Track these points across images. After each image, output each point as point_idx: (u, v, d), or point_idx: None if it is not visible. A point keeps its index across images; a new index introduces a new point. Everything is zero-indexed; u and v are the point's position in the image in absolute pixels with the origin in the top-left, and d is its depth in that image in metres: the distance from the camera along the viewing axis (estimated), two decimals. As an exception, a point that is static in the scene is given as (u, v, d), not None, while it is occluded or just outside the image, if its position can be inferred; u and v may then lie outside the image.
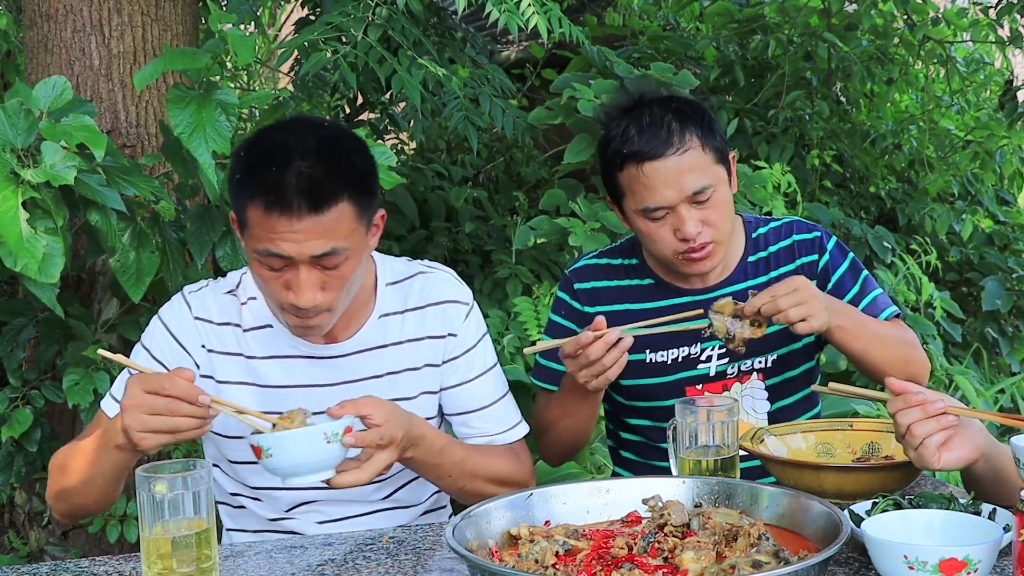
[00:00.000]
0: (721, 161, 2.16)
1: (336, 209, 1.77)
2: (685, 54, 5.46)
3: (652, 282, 2.29)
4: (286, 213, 1.74)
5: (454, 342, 2.03)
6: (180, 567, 1.46)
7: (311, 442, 1.68)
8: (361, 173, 1.84)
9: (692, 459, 1.85)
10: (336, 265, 1.80)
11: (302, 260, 1.78)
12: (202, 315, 2.01)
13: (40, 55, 3.25)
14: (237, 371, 1.99)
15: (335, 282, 1.82)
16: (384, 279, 2.04)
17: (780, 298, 2.00)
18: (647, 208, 2.13)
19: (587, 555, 1.52)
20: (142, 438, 1.67)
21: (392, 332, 2.02)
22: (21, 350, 3.08)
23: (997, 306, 5.28)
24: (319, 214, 1.75)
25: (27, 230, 2.38)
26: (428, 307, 2.03)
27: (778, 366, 2.26)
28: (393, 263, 2.08)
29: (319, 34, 3.37)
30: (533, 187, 5.45)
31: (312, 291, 1.80)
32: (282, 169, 1.75)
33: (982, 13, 5.46)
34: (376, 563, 1.69)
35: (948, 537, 1.48)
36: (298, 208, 1.74)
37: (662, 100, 2.19)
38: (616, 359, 1.99)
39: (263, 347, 1.99)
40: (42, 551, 3.39)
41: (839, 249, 2.29)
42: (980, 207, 6.04)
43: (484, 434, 2.06)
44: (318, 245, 1.77)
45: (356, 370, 2.00)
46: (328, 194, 1.76)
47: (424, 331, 2.02)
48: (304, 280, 1.79)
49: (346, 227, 1.79)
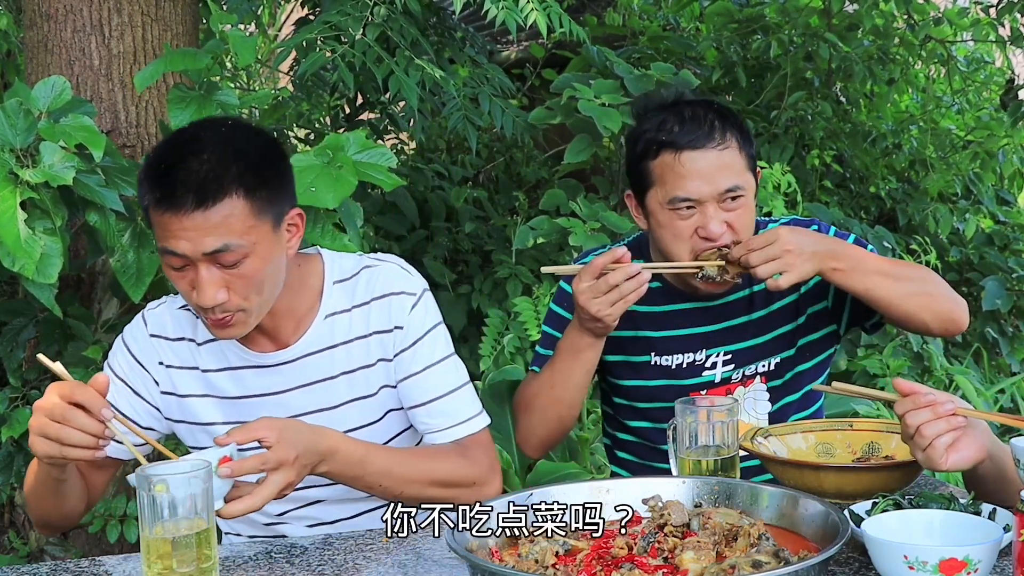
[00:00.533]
0: (751, 170, 2.15)
1: (225, 204, 1.74)
2: (685, 54, 5.46)
3: (659, 285, 2.26)
4: (173, 209, 1.74)
5: (401, 335, 1.98)
6: (180, 567, 1.46)
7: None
8: (257, 168, 1.80)
9: (692, 459, 1.84)
10: (234, 263, 1.77)
11: (197, 258, 1.76)
12: (157, 332, 2.01)
13: (40, 55, 3.25)
14: (195, 385, 2.00)
15: (239, 282, 1.79)
16: (332, 277, 2.00)
17: (752, 253, 1.99)
18: (676, 198, 2.09)
19: (587, 555, 1.52)
20: (34, 441, 1.67)
21: (340, 331, 1.98)
22: (21, 350, 3.08)
23: (997, 306, 5.28)
24: (206, 210, 1.74)
25: (25, 231, 2.38)
26: (373, 301, 1.98)
27: (781, 369, 2.25)
28: (342, 260, 2.03)
29: (317, 33, 3.37)
30: (533, 187, 5.45)
31: (212, 289, 1.77)
32: (172, 167, 1.76)
33: (983, 12, 5.46)
34: (376, 563, 1.69)
35: (948, 537, 1.48)
36: (185, 204, 1.73)
37: (702, 101, 2.18)
38: (633, 289, 1.99)
39: (216, 360, 1.99)
40: (42, 551, 3.39)
41: (839, 235, 2.22)
42: (980, 207, 6.04)
43: (434, 428, 1.99)
44: (209, 242, 1.75)
45: (308, 373, 1.98)
46: (215, 190, 1.74)
47: (371, 327, 1.98)
48: (203, 278, 1.77)
49: (240, 224, 1.76)
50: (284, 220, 1.86)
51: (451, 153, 5.83)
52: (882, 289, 2.04)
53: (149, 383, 2.01)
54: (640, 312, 2.25)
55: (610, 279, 1.99)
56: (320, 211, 2.61)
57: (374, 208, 4.78)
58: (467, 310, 4.56)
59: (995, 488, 1.68)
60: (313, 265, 2.01)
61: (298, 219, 1.89)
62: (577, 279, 2.04)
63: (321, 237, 2.61)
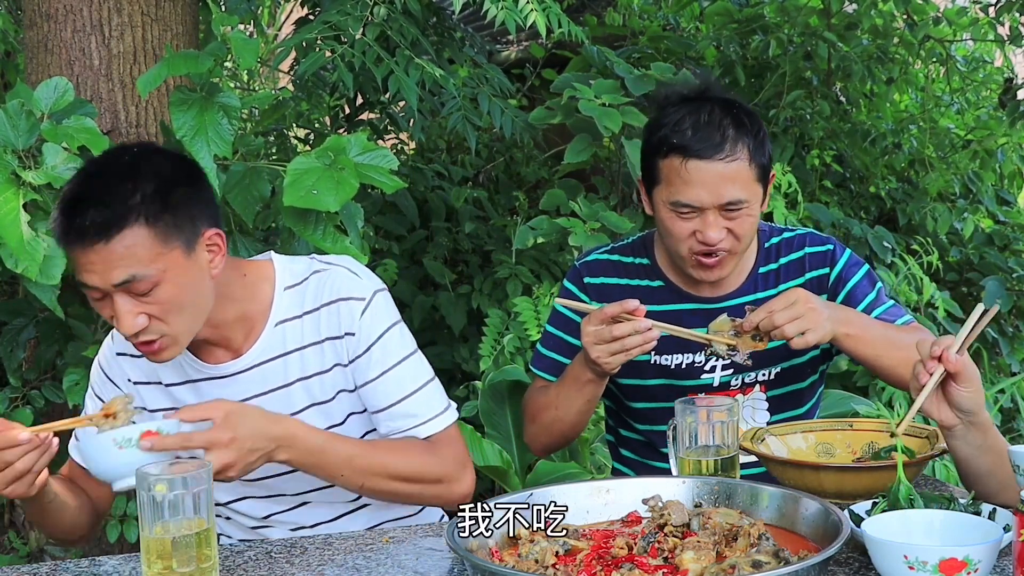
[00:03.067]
0: (761, 179, 2.14)
1: (126, 236, 1.74)
2: (685, 54, 5.46)
3: (663, 284, 2.28)
4: (79, 243, 1.75)
5: (353, 341, 1.96)
6: (180, 567, 1.46)
7: (103, 449, 1.66)
8: (161, 196, 1.78)
9: (692, 459, 1.84)
10: (146, 291, 1.77)
11: (108, 289, 1.77)
12: (122, 349, 2.03)
13: (40, 55, 3.25)
14: (161, 399, 2.01)
15: (156, 308, 1.78)
16: (283, 283, 1.98)
17: (776, 313, 1.99)
18: (678, 202, 2.11)
19: (587, 555, 1.52)
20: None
21: (292, 338, 1.96)
22: (21, 350, 3.09)
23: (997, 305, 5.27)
24: (107, 242, 1.73)
25: (28, 232, 2.38)
26: (322, 308, 1.96)
27: (781, 379, 2.25)
28: (293, 265, 2.01)
29: (317, 33, 3.37)
30: (533, 187, 5.45)
31: (130, 317, 1.77)
32: (77, 201, 1.76)
33: (982, 12, 5.46)
34: (376, 563, 1.69)
35: (948, 537, 1.48)
36: (87, 237, 1.74)
37: (724, 102, 2.16)
38: (637, 345, 1.99)
39: (175, 374, 2.00)
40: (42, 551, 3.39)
41: (853, 260, 2.26)
42: (980, 207, 6.04)
43: (399, 430, 1.96)
44: (116, 274, 1.75)
45: (264, 382, 1.97)
46: (115, 222, 1.73)
47: (322, 333, 1.96)
48: (120, 308, 1.77)
49: (145, 253, 1.75)
50: (199, 242, 1.83)
51: (451, 153, 5.83)
52: (887, 357, 2.07)
53: None
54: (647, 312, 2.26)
55: (616, 330, 1.99)
56: (321, 213, 2.61)
57: (374, 208, 4.79)
58: (467, 310, 4.56)
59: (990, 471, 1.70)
60: (264, 272, 1.99)
61: (218, 239, 1.86)
62: (587, 320, 2.04)
63: (322, 239, 2.61)
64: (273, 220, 2.98)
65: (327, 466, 1.86)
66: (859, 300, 2.22)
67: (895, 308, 2.24)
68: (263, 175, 2.78)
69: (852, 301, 2.21)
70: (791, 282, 2.24)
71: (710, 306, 2.23)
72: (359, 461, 1.88)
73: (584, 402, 2.18)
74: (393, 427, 1.97)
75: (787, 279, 2.25)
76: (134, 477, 1.59)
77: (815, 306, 2.00)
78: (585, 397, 2.17)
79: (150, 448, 1.66)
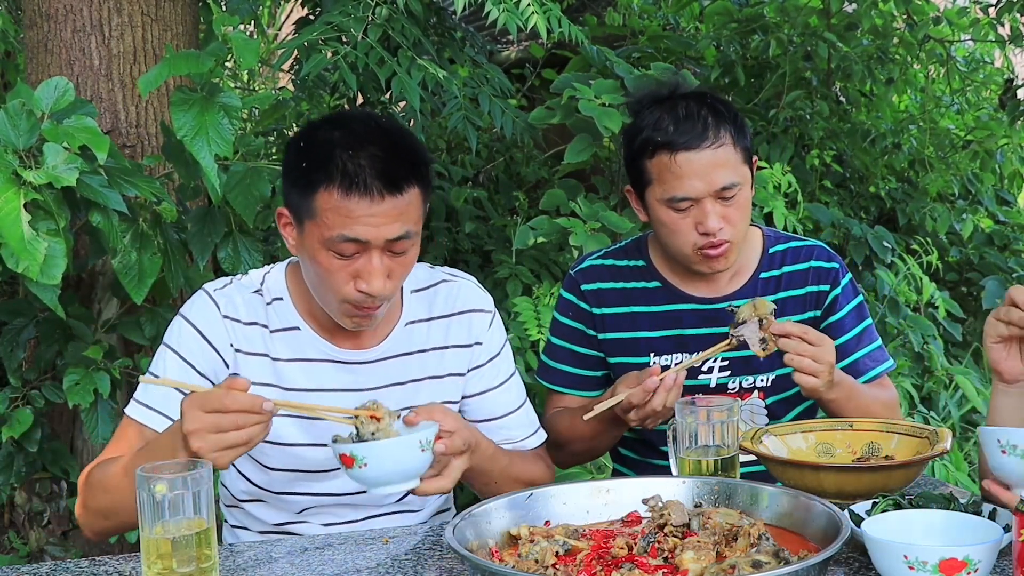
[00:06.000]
0: (747, 162, 2.17)
1: (410, 192, 1.79)
2: (685, 54, 5.46)
3: (659, 285, 2.28)
4: (360, 195, 1.75)
5: (480, 350, 2.04)
6: (180, 567, 1.46)
7: (408, 450, 1.65)
8: (426, 161, 1.86)
9: (692, 459, 1.85)
10: (405, 251, 1.83)
11: (377, 244, 1.79)
12: (230, 314, 1.95)
13: (40, 55, 3.25)
14: (262, 372, 1.95)
15: (400, 270, 1.84)
16: (410, 287, 2.03)
17: (805, 346, 2.00)
18: (673, 198, 2.12)
19: (587, 555, 1.53)
20: (218, 457, 1.60)
21: (417, 340, 2.01)
22: (21, 350, 3.08)
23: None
24: (397, 196, 1.77)
25: (29, 232, 2.38)
26: (454, 316, 2.03)
27: (778, 386, 2.25)
28: (417, 271, 2.03)
29: (319, 34, 3.37)
30: (533, 187, 5.45)
31: (381, 277, 1.80)
32: (356, 153, 1.77)
33: (982, 12, 5.46)
34: (376, 563, 1.69)
35: (948, 537, 1.48)
36: (378, 191, 1.76)
37: (697, 95, 2.19)
38: (675, 396, 2.00)
39: (290, 349, 1.96)
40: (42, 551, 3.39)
41: (852, 287, 2.28)
42: (980, 207, 6.04)
43: (510, 440, 2.06)
44: (394, 228, 1.78)
45: (380, 377, 1.99)
46: (403, 177, 1.78)
47: (449, 340, 2.03)
48: (376, 266, 1.80)
49: (416, 211, 1.82)
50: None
51: (451, 153, 5.83)
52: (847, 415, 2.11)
53: (219, 365, 1.94)
54: (641, 313, 2.26)
55: (655, 405, 2.00)
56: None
57: (374, 208, 4.77)
58: (467, 310, 4.55)
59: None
60: None
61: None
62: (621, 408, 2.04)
63: (323, 239, 2.61)
64: (273, 220, 2.98)
65: (494, 472, 1.94)
66: (845, 331, 2.23)
67: (879, 352, 2.26)
68: (263, 175, 2.79)
69: (838, 330, 2.22)
70: (792, 292, 2.25)
71: (708, 306, 2.23)
72: (512, 468, 1.98)
73: (619, 433, 2.25)
74: (511, 435, 2.07)
75: (788, 288, 2.25)
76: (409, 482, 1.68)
77: (832, 363, 2.03)
78: (621, 431, 2.22)
79: (443, 451, 1.72)
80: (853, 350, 2.23)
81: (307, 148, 1.83)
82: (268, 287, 1.99)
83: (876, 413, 2.13)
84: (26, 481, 3.28)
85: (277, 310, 1.97)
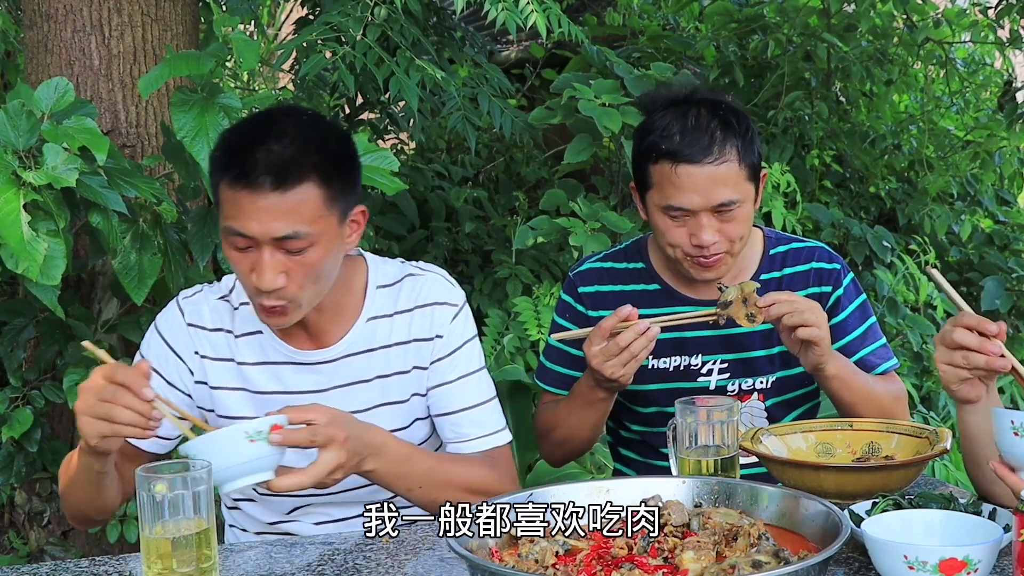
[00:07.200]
0: (752, 178, 2.14)
1: (301, 190, 1.75)
2: (685, 54, 5.46)
3: (659, 288, 2.28)
4: (250, 189, 1.74)
5: (440, 343, 2.00)
6: (180, 567, 1.46)
7: (233, 441, 1.62)
8: (335, 159, 1.81)
9: (692, 459, 1.85)
10: (300, 250, 1.77)
11: (264, 240, 1.76)
12: (195, 321, 2.00)
13: (40, 55, 3.25)
14: (229, 377, 1.99)
15: (299, 270, 1.79)
16: (375, 282, 2.01)
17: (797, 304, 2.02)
18: (670, 206, 2.11)
19: (587, 555, 1.53)
20: (85, 423, 1.66)
21: (380, 335, 1.99)
22: (21, 350, 3.08)
23: (997, 306, 5.28)
24: (283, 193, 1.74)
25: (29, 232, 2.38)
26: (416, 309, 2.00)
27: (778, 389, 2.25)
28: (386, 266, 2.04)
29: (318, 34, 3.37)
30: (533, 187, 5.45)
31: (273, 273, 1.77)
32: (253, 146, 1.75)
33: (981, 14, 5.46)
34: (376, 563, 1.69)
35: (948, 537, 1.48)
36: (262, 185, 1.73)
37: (711, 103, 2.16)
38: (644, 347, 2.00)
39: (253, 353, 1.98)
40: (42, 551, 3.39)
41: (854, 287, 2.27)
42: (980, 207, 6.04)
43: (460, 438, 2.01)
44: (280, 226, 1.75)
45: (345, 374, 1.98)
46: (294, 174, 1.74)
47: (412, 334, 1.99)
48: (266, 262, 1.77)
49: (311, 212, 1.76)
50: (349, 215, 1.86)
51: (451, 153, 5.83)
52: (861, 407, 2.12)
53: (184, 372, 2.00)
54: (640, 315, 2.25)
55: (620, 341, 2.00)
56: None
57: (374, 208, 4.79)
58: (467, 310, 4.55)
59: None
60: (357, 267, 2.01)
61: (360, 216, 1.90)
62: (588, 342, 2.05)
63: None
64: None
65: (409, 477, 1.88)
66: (849, 331, 2.23)
67: (883, 350, 2.25)
68: (263, 175, 2.78)
69: (842, 330, 2.22)
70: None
71: (708, 308, 2.23)
72: (437, 473, 1.90)
73: (597, 418, 2.21)
74: (460, 433, 2.00)
75: (790, 289, 2.23)
76: (255, 475, 1.63)
77: (825, 323, 2.04)
78: (598, 413, 2.20)
79: (280, 441, 1.65)
80: (857, 349, 2.22)
81: (218, 141, 1.86)
82: (237, 292, 2.01)
83: (882, 399, 2.12)
84: (26, 481, 3.28)
85: (243, 314, 1.99)
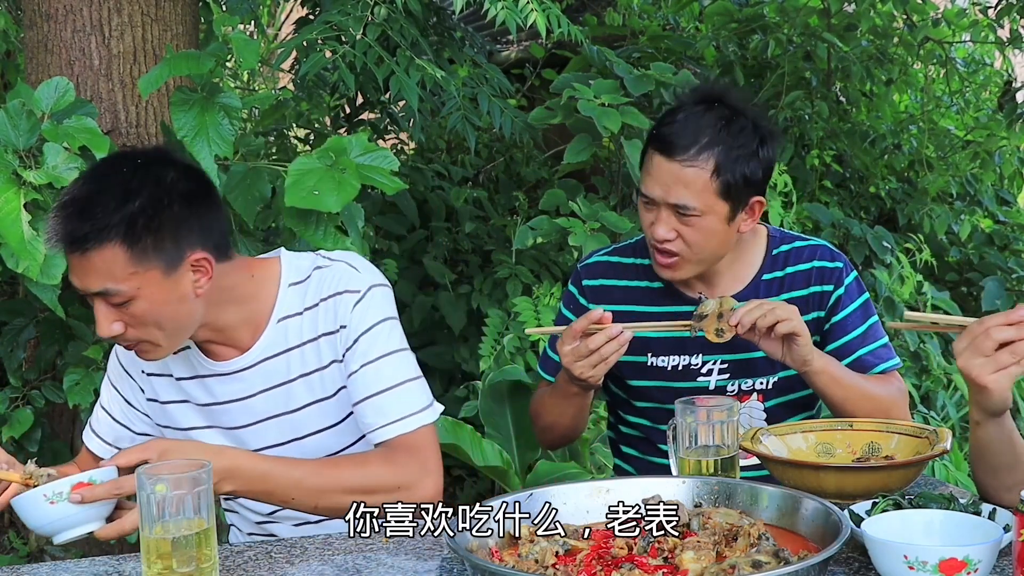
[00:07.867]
0: (725, 196, 2.09)
1: (102, 251, 1.76)
2: (685, 54, 5.46)
3: (661, 285, 2.27)
4: (63, 248, 1.79)
5: (345, 333, 1.94)
6: (180, 567, 1.46)
7: (34, 505, 1.66)
8: (146, 217, 1.78)
9: (692, 459, 1.85)
10: (121, 303, 1.79)
11: (87, 294, 1.81)
12: None
13: (40, 55, 3.25)
14: (172, 391, 2.03)
15: (131, 319, 1.81)
16: (287, 280, 1.98)
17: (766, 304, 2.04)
18: (641, 192, 2.16)
19: (587, 555, 1.53)
20: None
21: (293, 335, 1.96)
22: (21, 350, 3.09)
23: (997, 306, 5.28)
24: (83, 255, 1.77)
25: (29, 232, 2.39)
26: (321, 303, 1.95)
27: (778, 390, 2.25)
28: (299, 260, 2.01)
29: (317, 34, 3.37)
30: (533, 187, 5.45)
31: (106, 323, 1.81)
32: (65, 208, 1.79)
33: (981, 13, 5.46)
34: (376, 563, 1.69)
35: (948, 537, 1.48)
36: (66, 247, 1.78)
37: (728, 109, 2.13)
38: (614, 351, 2.01)
39: (185, 368, 2.01)
40: (42, 551, 3.39)
41: (857, 286, 2.26)
42: (980, 207, 6.04)
43: (368, 428, 1.93)
44: (89, 283, 1.79)
45: (267, 378, 1.97)
46: (93, 239, 1.76)
47: (319, 329, 1.96)
48: (97, 312, 1.82)
49: (120, 270, 1.77)
50: (182, 264, 1.82)
51: (451, 153, 5.83)
52: (851, 404, 2.11)
53: (136, 391, 2.07)
54: (641, 312, 2.26)
55: (591, 343, 2.02)
56: (322, 214, 2.61)
57: (374, 208, 4.79)
58: (467, 310, 4.56)
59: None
60: (271, 270, 1.99)
61: (205, 263, 1.85)
62: (560, 341, 2.08)
63: (323, 240, 2.61)
64: (274, 220, 2.98)
65: (275, 492, 1.84)
66: (850, 330, 2.22)
67: (883, 350, 2.24)
68: (264, 175, 2.79)
69: (843, 329, 2.22)
70: (795, 292, 2.23)
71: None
72: (309, 482, 1.85)
73: (576, 411, 2.24)
74: (365, 423, 1.94)
75: (792, 289, 2.24)
76: (75, 530, 1.67)
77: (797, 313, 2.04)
78: (575, 407, 2.23)
79: (80, 500, 1.66)
80: (857, 348, 2.21)
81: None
82: None
83: (877, 397, 2.12)
84: (26, 481, 3.27)
85: None
